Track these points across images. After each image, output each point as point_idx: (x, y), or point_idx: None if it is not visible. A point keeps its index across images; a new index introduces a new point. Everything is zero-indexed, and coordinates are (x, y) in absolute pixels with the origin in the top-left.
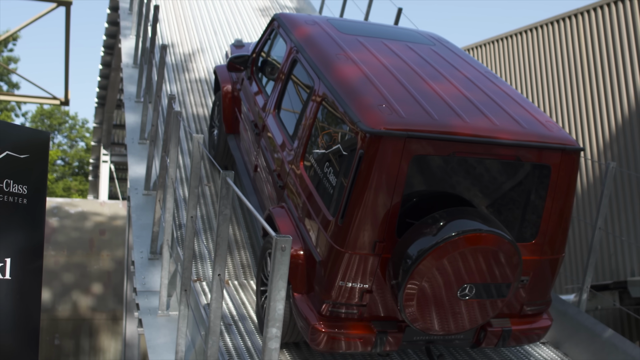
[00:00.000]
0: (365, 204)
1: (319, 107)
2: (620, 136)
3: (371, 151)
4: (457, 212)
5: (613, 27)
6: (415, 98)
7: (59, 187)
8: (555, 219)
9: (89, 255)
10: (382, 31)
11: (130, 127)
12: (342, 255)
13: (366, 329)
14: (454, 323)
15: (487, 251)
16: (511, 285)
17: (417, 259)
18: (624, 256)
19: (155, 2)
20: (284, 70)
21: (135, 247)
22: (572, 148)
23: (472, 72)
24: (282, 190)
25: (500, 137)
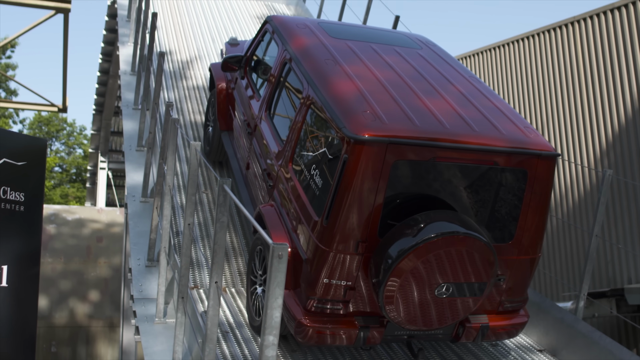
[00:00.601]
0: (349, 206)
1: (307, 111)
2: (616, 144)
3: (354, 156)
4: (436, 214)
5: (609, 35)
6: (399, 104)
7: (57, 194)
8: (531, 221)
9: (86, 262)
10: (371, 35)
11: (127, 135)
12: (327, 254)
13: (349, 324)
14: (431, 320)
15: (464, 253)
16: (486, 285)
17: (397, 258)
18: (621, 263)
19: (153, 9)
20: (275, 72)
21: (133, 254)
22: (548, 154)
23: (456, 77)
24: (271, 189)
25: (478, 143)
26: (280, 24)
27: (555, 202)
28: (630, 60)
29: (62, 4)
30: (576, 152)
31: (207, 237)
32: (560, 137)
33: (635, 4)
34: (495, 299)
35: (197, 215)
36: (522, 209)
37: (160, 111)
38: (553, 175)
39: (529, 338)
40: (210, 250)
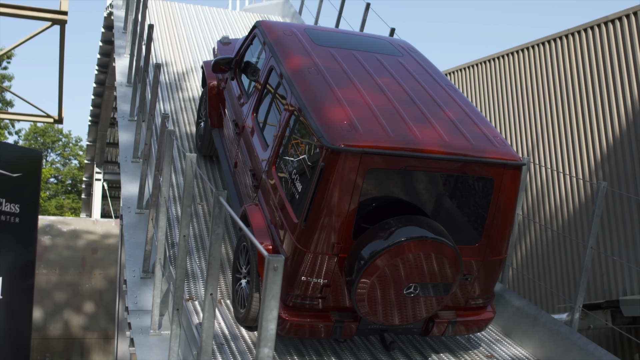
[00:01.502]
0: (326, 210)
1: (290, 118)
2: (611, 156)
3: (331, 164)
4: (407, 219)
5: (604, 47)
6: (375, 115)
7: (52, 205)
8: (497, 225)
9: (81, 273)
10: (355, 42)
11: (123, 146)
12: (305, 255)
13: (325, 318)
14: (400, 316)
15: (431, 256)
16: (451, 285)
17: (369, 259)
18: (616, 275)
19: (150, 21)
20: (262, 77)
21: (128, 265)
22: (513, 163)
23: (434, 85)
24: (256, 189)
25: (448, 152)
26: (268, 30)
27: (551, 214)
28: (624, 72)
29: (59, 15)
30: (571, 164)
31: (203, 248)
32: (555, 150)
33: (629, 17)
34: (463, 297)
35: (192, 227)
36: (489, 214)
37: (156, 123)
38: (519, 183)
39: (525, 350)
40: (206, 262)
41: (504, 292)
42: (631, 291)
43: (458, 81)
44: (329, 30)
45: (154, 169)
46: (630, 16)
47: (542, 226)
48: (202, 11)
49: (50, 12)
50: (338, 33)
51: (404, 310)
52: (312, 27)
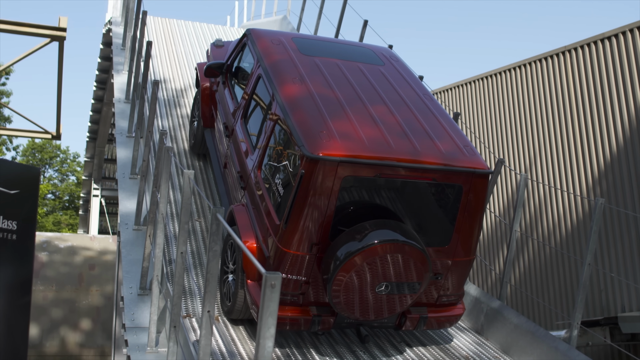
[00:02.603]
0: (305, 214)
1: (274, 125)
2: (609, 173)
3: (310, 172)
4: (380, 223)
5: (601, 64)
6: (353, 125)
7: (49, 221)
8: (466, 229)
9: (78, 290)
10: (340, 51)
11: (121, 162)
12: (286, 254)
13: (305, 312)
14: (373, 312)
15: (402, 257)
16: (420, 284)
17: (344, 259)
18: (615, 292)
19: (148, 38)
20: (250, 83)
21: (125, 282)
22: (481, 172)
23: (412, 96)
24: (243, 190)
25: (419, 161)
26: (257, 38)
27: (549, 230)
28: (621, 89)
29: (58, 32)
30: (569, 180)
31: (200, 265)
32: (553, 166)
33: (625, 34)
34: (434, 294)
35: (190, 244)
36: (458, 218)
37: (154, 139)
38: (486, 190)
39: None
40: (203, 279)
41: (502, 309)
42: (630, 308)
43: (456, 98)
44: (315, 39)
45: (151, 186)
46: (627, 33)
47: (540, 242)
48: (200, 28)
49: (49, 28)
50: (324, 42)
51: (376, 306)
52: (300, 36)
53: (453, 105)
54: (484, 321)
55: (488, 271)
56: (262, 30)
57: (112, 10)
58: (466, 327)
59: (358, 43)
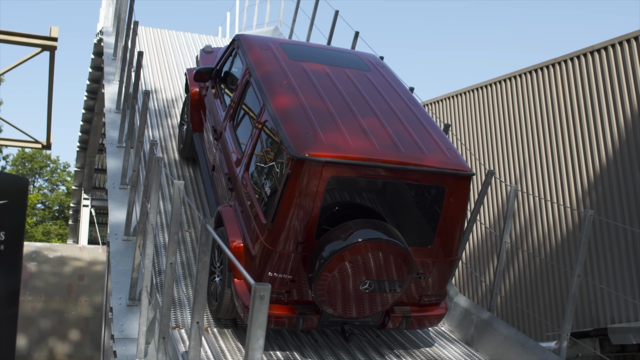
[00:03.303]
0: (291, 213)
1: (262, 128)
2: (598, 184)
3: (296, 172)
4: (364, 222)
5: (590, 76)
6: (339, 127)
7: (39, 231)
8: (448, 229)
9: (67, 301)
10: (327, 56)
11: (111, 172)
12: (272, 253)
13: (290, 310)
14: (357, 310)
15: (385, 256)
16: (403, 282)
17: (328, 257)
18: (604, 303)
19: (139, 48)
20: (239, 87)
21: (114, 293)
22: (463, 173)
23: (397, 100)
24: (231, 192)
25: (402, 162)
26: (246, 43)
27: (539, 241)
28: (610, 101)
29: (49, 41)
30: (558, 192)
31: (190, 276)
32: (542, 177)
33: (614, 46)
34: (416, 294)
35: (180, 254)
36: (441, 219)
37: (144, 149)
38: (468, 191)
39: None
40: (193, 290)
41: (492, 320)
42: (619, 319)
43: (447, 109)
44: (303, 45)
45: (141, 196)
46: (616, 46)
47: (530, 254)
48: (192, 38)
49: (41, 38)
50: (311, 48)
51: (360, 304)
52: (288, 42)
53: (444, 116)
54: (473, 332)
55: (478, 282)
56: (251, 36)
57: (103, 20)
58: (456, 338)
59: (345, 49)
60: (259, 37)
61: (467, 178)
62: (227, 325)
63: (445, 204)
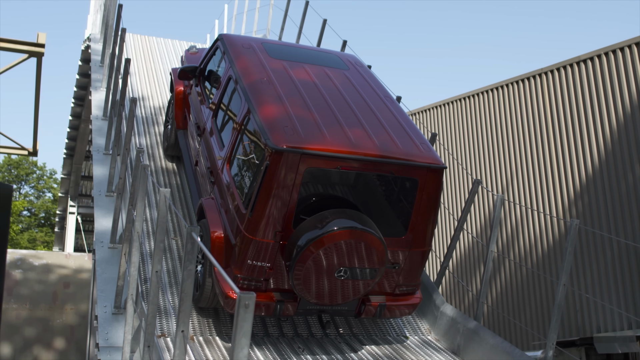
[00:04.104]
0: (269, 203)
1: (243, 122)
2: (584, 194)
3: (274, 163)
4: (339, 212)
5: (576, 86)
6: (316, 121)
7: (24, 239)
8: (421, 220)
9: (52, 308)
10: (307, 55)
11: (97, 180)
12: (251, 241)
13: (268, 297)
14: (333, 297)
15: (359, 244)
16: (377, 270)
17: (304, 245)
18: (590, 313)
19: (127, 55)
20: (221, 85)
21: (99, 301)
22: (435, 166)
23: (373, 97)
24: (212, 184)
25: (377, 155)
26: (229, 43)
27: (525, 251)
28: (596, 111)
29: (36, 48)
30: (545, 201)
31: (176, 284)
32: (529, 187)
33: (600, 57)
34: (391, 283)
35: (166, 262)
36: (414, 210)
37: (131, 157)
38: (441, 184)
39: None
40: (178, 298)
41: (478, 329)
42: (605, 328)
43: (434, 118)
44: (284, 45)
45: (127, 204)
46: (602, 56)
47: (516, 263)
48: (179, 46)
49: (28, 44)
50: (292, 47)
51: (336, 291)
52: (269, 41)
53: (431, 126)
54: (460, 341)
55: (465, 291)
56: (234, 36)
57: (91, 27)
58: (442, 347)
59: (325, 49)
60: (241, 36)
61: (439, 171)
62: (212, 334)
63: (418, 196)
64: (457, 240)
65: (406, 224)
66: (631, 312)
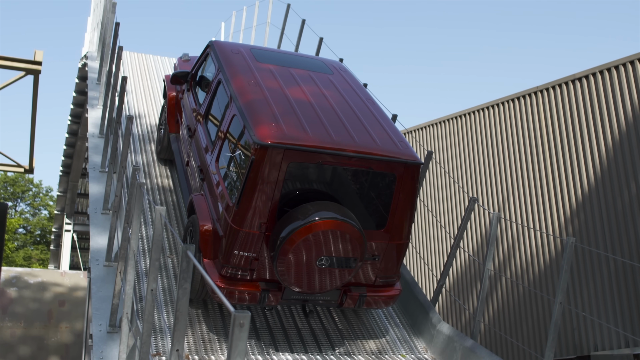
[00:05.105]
0: (255, 195)
1: (231, 121)
2: (580, 212)
3: (259, 157)
4: (321, 204)
5: (571, 105)
6: (300, 119)
7: (20, 256)
8: (400, 214)
9: (47, 327)
10: (293, 61)
11: (93, 197)
12: (238, 232)
13: (254, 287)
14: (314, 284)
15: (340, 234)
16: (357, 260)
17: (287, 235)
18: (587, 331)
19: (124, 73)
20: (211, 88)
21: (94, 319)
22: (412, 162)
23: (355, 98)
24: (202, 181)
25: (356, 151)
26: (219, 48)
27: (522, 268)
28: (591, 129)
29: (33, 65)
30: (541, 219)
31: (172, 302)
32: (525, 205)
33: (595, 75)
34: (372, 275)
35: (161, 281)
36: (392, 204)
37: (127, 174)
38: (417, 179)
39: None
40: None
41: (474, 348)
42: (602, 346)
43: (431, 136)
44: (271, 51)
45: (123, 221)
46: (597, 74)
47: (513, 281)
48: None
49: (25, 62)
50: (279, 53)
51: (318, 279)
52: (257, 47)
53: (427, 144)
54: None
55: (461, 309)
56: (224, 42)
57: (88, 45)
58: None
59: (311, 56)
60: (230, 42)
61: (415, 166)
62: (207, 353)
63: (396, 190)
64: (453, 258)
65: (385, 217)
66: (628, 331)
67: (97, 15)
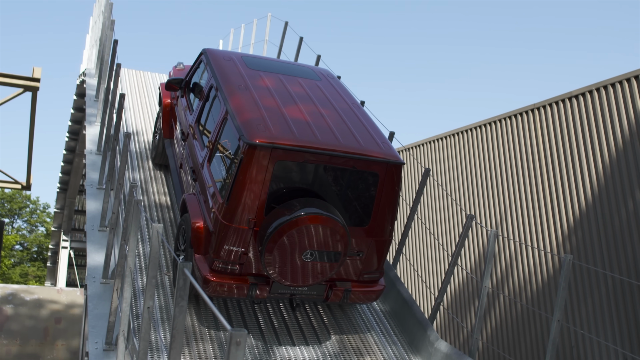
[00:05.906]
0: (244, 192)
1: (222, 123)
2: (577, 229)
3: (248, 156)
4: (307, 201)
5: (569, 122)
6: (287, 120)
7: (16, 273)
8: (383, 211)
9: (43, 345)
10: (283, 68)
11: (90, 214)
12: (228, 228)
13: (243, 281)
14: (300, 277)
15: (324, 229)
16: (341, 254)
17: (274, 230)
18: (585, 348)
19: (122, 90)
20: (204, 93)
21: (91, 337)
22: (394, 162)
23: (341, 102)
24: (194, 181)
25: (340, 150)
26: (212, 55)
27: (520, 286)
28: (589, 146)
29: (31, 82)
30: (539, 236)
31: (169, 320)
32: (522, 222)
33: (592, 92)
34: (356, 271)
35: (158, 298)
36: (375, 202)
37: (124, 191)
38: (399, 178)
39: None
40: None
41: None
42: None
43: (428, 153)
44: (262, 58)
45: (120, 239)
46: (594, 92)
47: (511, 299)
48: None
49: (23, 78)
50: (269, 60)
51: (303, 272)
52: (248, 55)
53: (425, 161)
54: None
55: (459, 327)
56: (216, 50)
57: (86, 62)
58: None
59: (299, 63)
60: (223, 50)
61: (397, 166)
62: None
63: (379, 189)
64: (450, 276)
65: (368, 214)
66: (627, 349)
67: (95, 33)
